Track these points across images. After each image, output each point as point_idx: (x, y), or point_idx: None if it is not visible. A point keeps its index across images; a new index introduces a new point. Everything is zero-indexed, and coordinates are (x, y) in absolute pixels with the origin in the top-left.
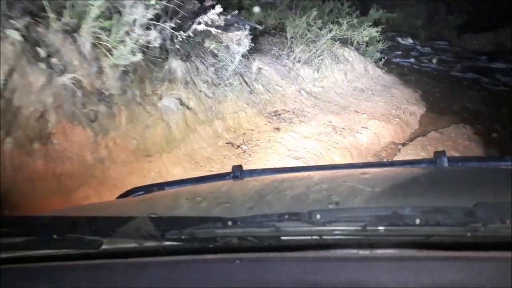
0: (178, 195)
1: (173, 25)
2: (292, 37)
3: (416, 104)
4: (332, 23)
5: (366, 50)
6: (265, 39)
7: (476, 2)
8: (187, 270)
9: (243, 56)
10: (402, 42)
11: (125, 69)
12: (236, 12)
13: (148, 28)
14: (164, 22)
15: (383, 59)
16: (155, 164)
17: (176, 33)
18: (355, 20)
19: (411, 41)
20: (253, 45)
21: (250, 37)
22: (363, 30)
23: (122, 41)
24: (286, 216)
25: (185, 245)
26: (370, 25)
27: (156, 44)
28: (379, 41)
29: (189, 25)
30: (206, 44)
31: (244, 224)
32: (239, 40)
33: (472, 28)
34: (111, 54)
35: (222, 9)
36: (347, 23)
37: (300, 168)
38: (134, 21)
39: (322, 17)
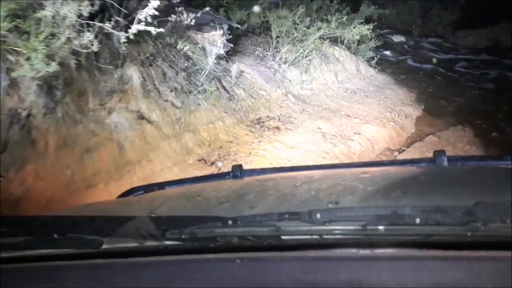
0: (178, 194)
1: (110, 24)
2: (277, 37)
3: (411, 105)
4: (321, 21)
5: (358, 48)
6: (249, 39)
7: None
8: (187, 270)
9: (221, 58)
10: (395, 39)
11: (50, 82)
12: (207, 9)
13: (81, 30)
14: (115, 21)
15: (375, 58)
16: (98, 197)
17: (119, 33)
18: (345, 18)
19: (404, 38)
20: (232, 45)
21: (228, 37)
22: (354, 27)
23: (47, 46)
24: (286, 216)
25: (185, 245)
26: (361, 23)
27: (94, 48)
28: (371, 39)
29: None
30: (179, 46)
31: (244, 223)
32: (215, 41)
33: (466, 24)
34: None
35: (159, 2)
36: (336, 20)
37: (300, 167)
38: (63, 20)
39: (310, 15)
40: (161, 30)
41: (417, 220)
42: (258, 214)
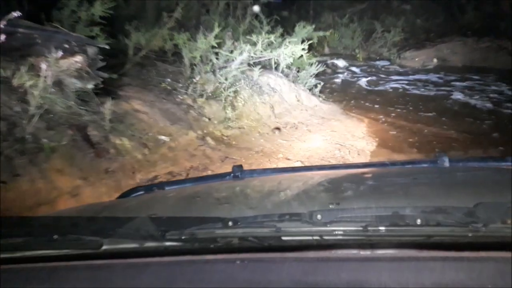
0: (179, 195)
1: None
2: (193, 64)
3: (363, 138)
4: (250, 44)
5: (298, 76)
6: (155, 69)
7: (411, 18)
8: (187, 271)
9: (86, 93)
10: (339, 64)
11: None
12: (40, 22)
13: None
14: None
15: (319, 85)
16: None
17: None
18: (273, 37)
19: (348, 63)
20: (106, 76)
21: (101, 63)
22: (285, 48)
23: None
24: (287, 216)
25: (185, 246)
26: (298, 44)
27: None
28: (311, 65)
29: None
30: (17, 80)
31: (244, 224)
32: (76, 69)
33: (411, 44)
34: None
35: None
36: (263, 41)
37: (300, 168)
38: None
39: (238, 38)
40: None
41: (418, 221)
42: (258, 215)
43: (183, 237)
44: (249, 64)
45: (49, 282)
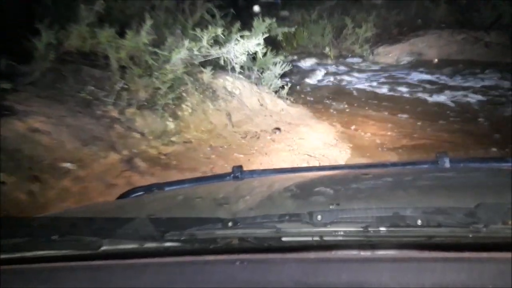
0: (178, 195)
1: None
2: (123, 67)
3: (335, 145)
4: (197, 41)
5: (262, 77)
6: (79, 74)
7: (382, 12)
8: (187, 271)
9: None
10: (308, 63)
11: None
12: None
13: None
14: None
15: (286, 87)
16: None
17: None
18: (234, 35)
19: (318, 62)
20: None
21: None
22: (235, 44)
23: None
24: (287, 217)
25: (185, 246)
26: (252, 39)
27: None
28: (277, 64)
29: None
30: None
31: (244, 225)
32: None
33: (384, 40)
34: None
35: None
36: (210, 37)
37: (301, 168)
38: None
39: (187, 35)
40: None
41: (419, 222)
42: (258, 215)
43: (182, 238)
44: (199, 65)
45: (49, 282)
